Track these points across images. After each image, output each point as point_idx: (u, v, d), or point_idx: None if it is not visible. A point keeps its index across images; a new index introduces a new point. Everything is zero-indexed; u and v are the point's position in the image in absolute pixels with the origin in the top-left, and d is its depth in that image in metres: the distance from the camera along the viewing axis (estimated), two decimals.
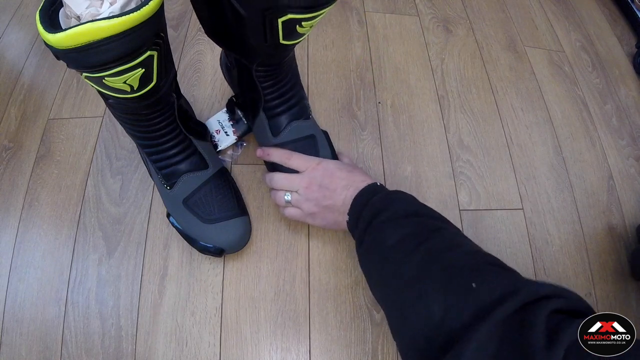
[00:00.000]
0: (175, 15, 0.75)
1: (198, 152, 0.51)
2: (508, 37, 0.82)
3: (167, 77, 0.40)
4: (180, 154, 0.49)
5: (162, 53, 0.36)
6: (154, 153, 0.48)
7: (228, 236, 0.49)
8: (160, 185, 0.51)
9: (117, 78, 0.33)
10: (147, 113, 0.42)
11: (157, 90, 0.39)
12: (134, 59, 0.32)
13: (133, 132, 0.46)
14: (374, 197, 0.45)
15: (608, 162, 0.70)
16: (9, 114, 0.63)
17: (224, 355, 0.49)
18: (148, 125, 0.44)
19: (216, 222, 0.49)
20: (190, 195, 0.50)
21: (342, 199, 0.47)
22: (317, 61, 0.72)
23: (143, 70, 0.34)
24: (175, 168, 0.49)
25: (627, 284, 0.61)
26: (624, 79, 0.82)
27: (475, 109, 0.71)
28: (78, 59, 0.31)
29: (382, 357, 0.51)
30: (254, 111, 0.55)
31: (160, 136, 0.46)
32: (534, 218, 0.63)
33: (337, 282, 0.54)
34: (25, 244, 0.54)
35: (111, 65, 0.31)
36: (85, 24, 0.28)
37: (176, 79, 0.46)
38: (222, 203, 0.51)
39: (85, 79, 0.34)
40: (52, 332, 0.49)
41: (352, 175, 0.49)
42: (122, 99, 0.37)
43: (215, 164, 0.53)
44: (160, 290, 0.52)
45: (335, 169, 0.49)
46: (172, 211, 0.51)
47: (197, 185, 0.50)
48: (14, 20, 0.74)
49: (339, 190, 0.48)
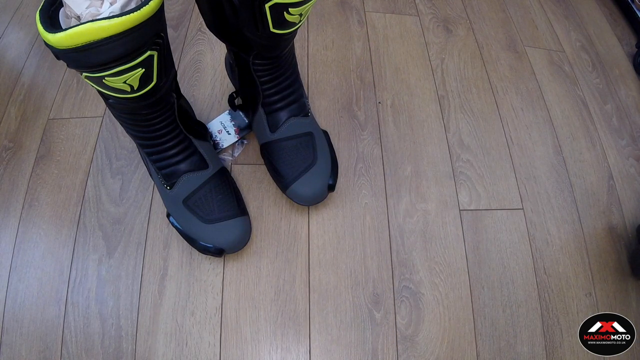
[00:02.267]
0: (175, 15, 0.75)
1: (198, 152, 0.51)
2: (508, 37, 0.82)
3: (167, 77, 0.40)
4: (180, 154, 0.49)
5: (162, 53, 0.36)
6: (154, 153, 0.48)
7: (228, 236, 0.49)
8: (160, 185, 0.51)
9: (117, 78, 0.33)
10: (147, 113, 0.42)
11: (157, 90, 0.39)
12: (134, 59, 0.32)
13: (133, 132, 0.46)
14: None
15: (608, 162, 0.70)
16: (9, 114, 0.63)
17: (224, 355, 0.49)
18: (148, 125, 0.44)
19: (216, 222, 0.49)
20: (190, 195, 0.50)
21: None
22: (317, 61, 0.72)
23: (143, 70, 0.34)
24: (175, 168, 0.49)
25: (627, 284, 0.60)
26: (624, 78, 0.82)
27: (475, 109, 0.71)
28: (78, 59, 0.31)
29: (382, 357, 0.51)
30: (253, 107, 0.55)
31: (160, 136, 0.46)
32: (534, 218, 0.63)
33: (337, 282, 0.54)
34: (25, 244, 0.54)
35: (111, 65, 0.31)
36: (86, 23, 0.28)
37: (176, 79, 0.46)
38: (222, 203, 0.50)
39: (85, 79, 0.34)
40: (52, 332, 0.49)
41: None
42: (122, 99, 0.37)
43: (215, 164, 0.53)
44: (160, 290, 0.52)
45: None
46: (172, 211, 0.52)
47: (197, 185, 0.50)
48: (14, 20, 0.74)
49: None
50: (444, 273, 0.57)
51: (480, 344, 0.53)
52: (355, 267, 0.55)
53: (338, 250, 0.56)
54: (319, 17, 0.78)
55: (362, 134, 0.66)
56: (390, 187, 0.62)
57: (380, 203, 0.60)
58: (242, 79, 0.54)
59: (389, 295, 0.54)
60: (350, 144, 0.64)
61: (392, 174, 0.63)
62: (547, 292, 0.57)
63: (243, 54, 0.48)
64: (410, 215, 0.60)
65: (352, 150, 0.64)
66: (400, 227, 0.59)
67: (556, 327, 0.55)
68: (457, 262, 0.58)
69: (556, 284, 0.58)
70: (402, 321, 0.53)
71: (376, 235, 0.58)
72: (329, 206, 0.59)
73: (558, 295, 0.57)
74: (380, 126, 0.67)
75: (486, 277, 0.57)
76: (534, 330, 0.55)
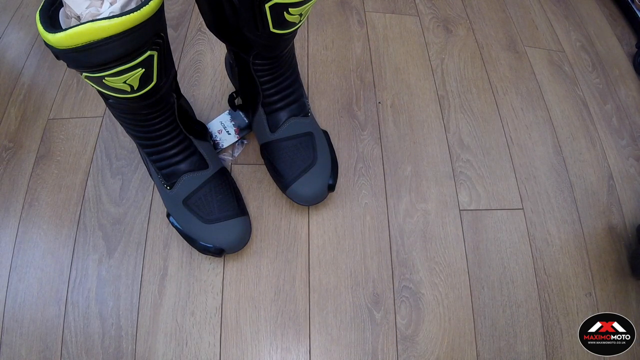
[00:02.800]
0: (175, 15, 0.75)
1: (198, 152, 0.51)
2: (508, 37, 0.82)
3: (167, 77, 0.40)
4: (180, 154, 0.49)
5: (162, 53, 0.36)
6: (154, 153, 0.48)
7: (228, 236, 0.49)
8: (160, 186, 0.51)
9: (117, 78, 0.33)
10: (147, 113, 0.42)
11: (158, 90, 0.39)
12: (134, 59, 0.32)
13: (133, 133, 0.46)
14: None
15: (608, 162, 0.70)
16: (9, 114, 0.63)
17: (224, 355, 0.49)
18: (148, 126, 0.44)
19: (216, 222, 0.49)
20: (190, 195, 0.50)
21: None
22: (317, 61, 0.72)
23: (143, 70, 0.34)
24: (175, 168, 0.49)
25: (627, 284, 0.60)
26: (624, 78, 0.82)
27: (475, 109, 0.71)
28: (78, 59, 0.31)
29: (382, 357, 0.51)
30: (253, 107, 0.55)
31: (160, 136, 0.46)
32: (534, 218, 0.63)
33: (337, 282, 0.54)
34: (25, 244, 0.54)
35: (111, 65, 0.31)
36: (86, 23, 0.28)
37: (176, 79, 0.46)
38: (222, 203, 0.50)
39: (85, 79, 0.34)
40: (52, 332, 0.49)
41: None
42: (122, 99, 0.37)
43: (215, 164, 0.53)
44: (160, 290, 0.52)
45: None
46: (172, 211, 0.52)
47: (197, 185, 0.50)
48: (14, 20, 0.74)
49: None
50: (444, 273, 0.57)
51: (480, 344, 0.53)
52: (355, 267, 0.55)
53: (338, 250, 0.56)
54: (319, 17, 0.78)
55: (362, 134, 0.66)
56: (390, 187, 0.62)
57: (380, 203, 0.60)
58: (242, 78, 0.54)
59: (389, 295, 0.54)
60: (350, 144, 0.64)
61: (392, 174, 0.63)
62: (547, 292, 0.57)
63: (243, 53, 0.48)
64: (410, 215, 0.60)
65: (352, 150, 0.64)
66: (400, 227, 0.59)
67: (556, 327, 0.55)
68: (457, 262, 0.58)
69: (556, 284, 0.58)
70: (402, 321, 0.53)
71: (376, 235, 0.58)
72: (329, 206, 0.59)
73: (558, 295, 0.57)
74: (380, 126, 0.67)
75: (486, 277, 0.57)
76: (534, 330, 0.55)
